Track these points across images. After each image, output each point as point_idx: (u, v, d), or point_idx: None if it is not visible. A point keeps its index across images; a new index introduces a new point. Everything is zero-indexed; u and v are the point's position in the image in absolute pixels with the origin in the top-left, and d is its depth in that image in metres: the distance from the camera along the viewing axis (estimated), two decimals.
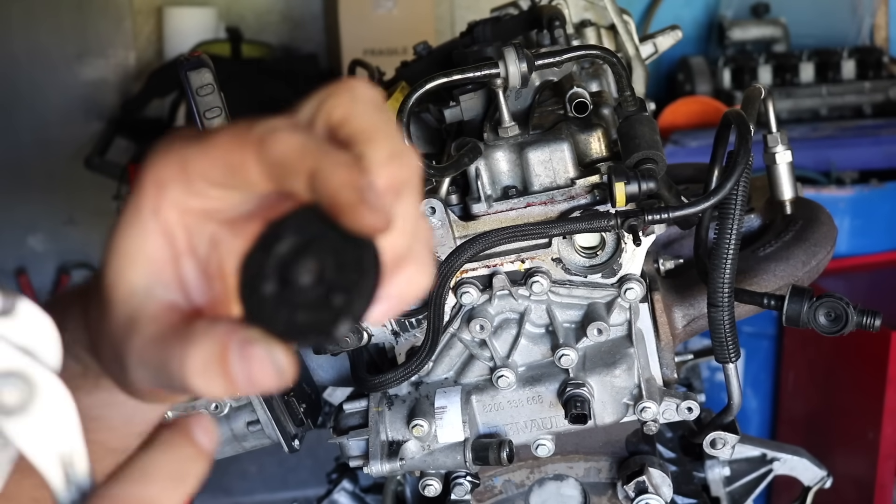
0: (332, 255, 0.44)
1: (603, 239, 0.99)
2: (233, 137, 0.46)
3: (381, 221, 0.43)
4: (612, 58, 0.99)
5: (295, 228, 0.45)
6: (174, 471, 0.41)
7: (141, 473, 0.40)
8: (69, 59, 3.47)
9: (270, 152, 0.44)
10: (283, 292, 0.44)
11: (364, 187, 0.43)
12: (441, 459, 1.01)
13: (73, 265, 3.57)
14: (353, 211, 0.42)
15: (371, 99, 0.47)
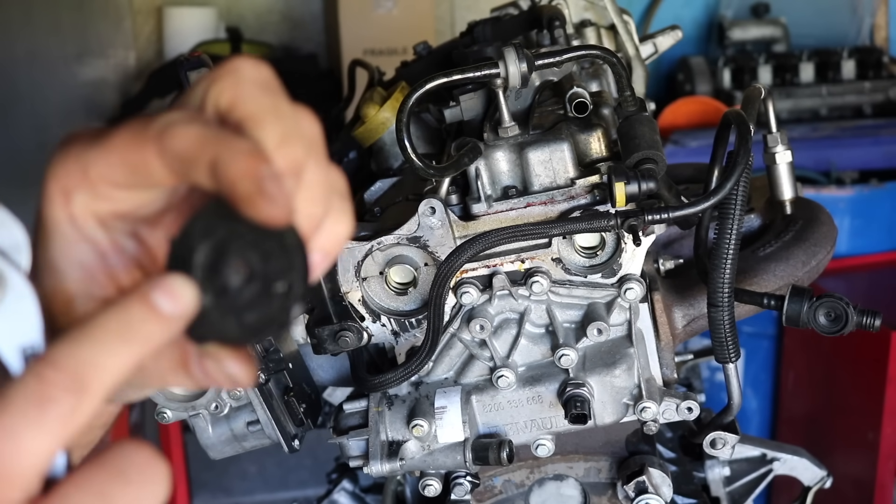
0: (252, 248, 0.43)
1: (603, 239, 0.99)
2: (130, 136, 0.45)
3: (281, 211, 0.42)
4: (612, 58, 0.99)
5: (205, 232, 0.44)
6: (119, 330, 0.40)
7: (81, 333, 0.40)
8: (69, 59, 3.47)
9: (169, 146, 0.43)
10: (221, 301, 0.43)
11: (262, 176, 0.42)
12: (441, 459, 1.01)
13: None
14: (252, 203, 0.42)
15: (256, 79, 0.46)
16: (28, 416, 0.38)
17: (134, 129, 0.45)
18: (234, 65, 0.46)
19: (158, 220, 0.49)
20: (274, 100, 0.46)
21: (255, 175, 0.42)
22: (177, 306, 0.42)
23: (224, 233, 0.43)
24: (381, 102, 1.15)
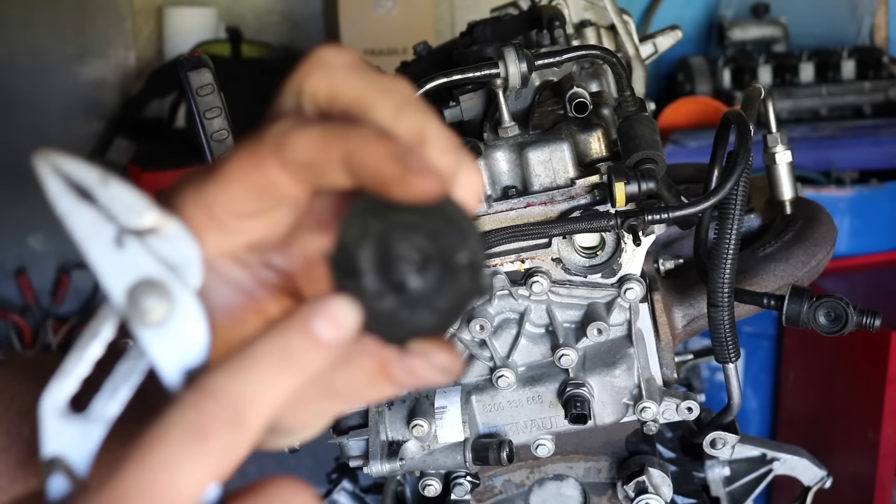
0: (416, 231, 0.41)
1: (603, 239, 0.99)
2: (245, 160, 0.42)
3: (433, 182, 0.40)
4: (612, 58, 0.99)
5: (361, 233, 0.41)
6: (277, 361, 0.38)
7: (238, 363, 0.38)
8: (69, 59, 3.47)
9: (292, 157, 0.41)
10: (406, 297, 0.41)
11: (402, 154, 0.40)
12: (441, 459, 1.01)
13: (73, 265, 3.57)
14: (404, 183, 0.40)
15: (344, 63, 0.44)
16: (187, 449, 0.37)
17: (246, 153, 0.42)
18: (318, 56, 0.44)
19: (286, 245, 0.47)
20: (369, 77, 0.43)
21: (396, 155, 0.40)
22: (339, 332, 0.40)
23: (381, 227, 0.41)
24: None
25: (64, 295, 3.56)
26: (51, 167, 0.42)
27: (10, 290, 3.55)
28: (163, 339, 0.40)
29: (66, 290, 3.56)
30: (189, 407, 0.37)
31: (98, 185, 0.42)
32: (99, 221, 0.42)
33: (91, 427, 0.41)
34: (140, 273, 0.41)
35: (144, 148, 3.20)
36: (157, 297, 0.40)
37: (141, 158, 3.06)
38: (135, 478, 0.36)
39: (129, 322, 0.41)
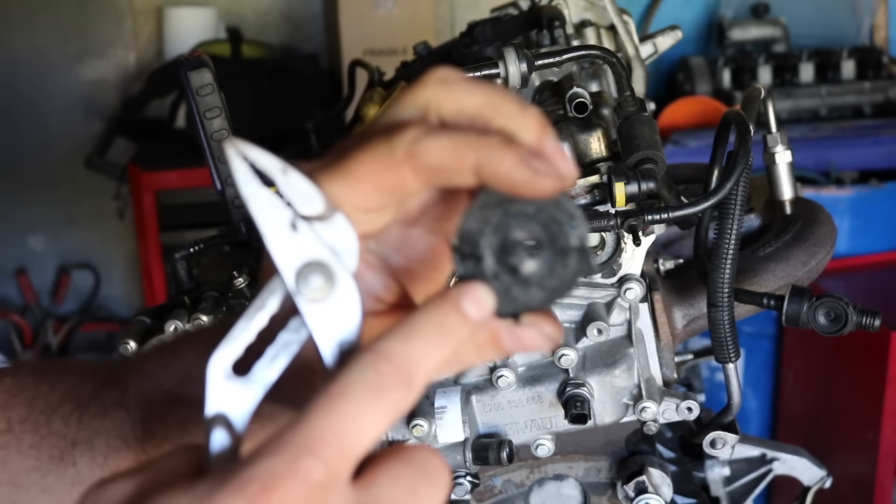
0: (530, 220, 0.47)
1: (603, 239, 0.99)
2: (379, 163, 0.48)
3: (555, 180, 0.46)
4: (612, 58, 0.99)
5: (482, 223, 0.47)
6: (437, 332, 0.45)
7: (406, 332, 0.44)
8: (69, 59, 3.47)
9: (426, 162, 0.47)
10: (520, 279, 0.47)
11: (529, 159, 0.46)
12: None
13: (74, 265, 3.57)
14: (533, 185, 0.46)
15: (463, 79, 0.50)
16: (367, 402, 0.42)
17: (379, 156, 0.48)
18: (438, 74, 0.50)
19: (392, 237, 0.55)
20: (488, 90, 0.50)
21: (524, 160, 0.46)
22: (481, 311, 0.46)
23: (500, 217, 0.47)
24: (382, 102, 1.15)
25: (64, 295, 3.56)
26: (238, 153, 0.46)
27: (11, 290, 3.55)
28: (324, 314, 0.45)
29: (66, 290, 3.57)
30: (369, 366, 0.43)
31: (279, 174, 0.46)
32: (278, 206, 0.46)
33: (251, 389, 0.46)
34: (309, 255, 0.46)
35: (145, 148, 3.20)
36: (322, 277, 0.45)
37: (141, 158, 3.06)
38: (324, 424, 0.42)
39: (295, 297, 0.45)
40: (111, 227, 3.47)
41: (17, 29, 3.42)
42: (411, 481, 0.44)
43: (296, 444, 0.41)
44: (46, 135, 3.48)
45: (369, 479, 0.43)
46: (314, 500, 0.41)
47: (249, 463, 0.41)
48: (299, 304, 0.46)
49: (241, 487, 0.40)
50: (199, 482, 0.42)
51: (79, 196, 3.49)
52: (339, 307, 0.46)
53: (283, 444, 0.42)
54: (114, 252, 3.60)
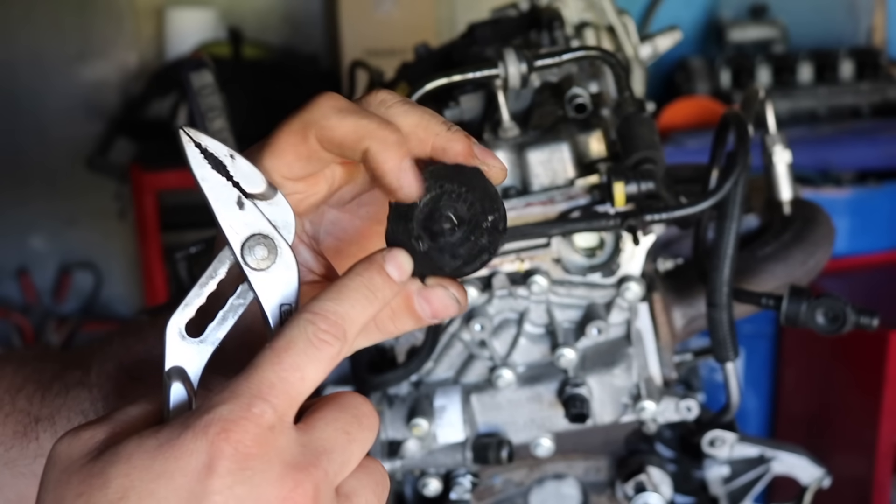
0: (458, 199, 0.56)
1: (602, 239, 0.99)
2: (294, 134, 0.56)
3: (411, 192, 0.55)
4: (612, 58, 0.99)
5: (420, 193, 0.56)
6: (365, 292, 0.52)
7: (338, 293, 0.51)
8: (70, 59, 3.47)
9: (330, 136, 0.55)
10: (438, 245, 0.56)
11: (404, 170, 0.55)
12: (441, 459, 1.02)
13: (75, 265, 3.57)
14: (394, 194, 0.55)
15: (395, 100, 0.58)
16: (309, 355, 0.49)
17: (293, 129, 0.56)
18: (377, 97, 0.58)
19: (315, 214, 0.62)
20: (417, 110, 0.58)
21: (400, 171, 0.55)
22: (402, 273, 0.54)
23: (435, 191, 0.56)
24: None
25: (65, 295, 3.56)
26: (191, 140, 0.52)
27: (12, 289, 3.55)
28: (267, 280, 0.52)
29: (67, 289, 3.57)
30: (308, 324, 0.49)
31: (227, 158, 0.52)
32: (226, 186, 0.52)
33: (204, 347, 0.53)
34: (254, 228, 0.52)
35: (146, 148, 3.20)
36: (265, 248, 0.52)
37: (142, 158, 3.06)
38: (272, 374, 0.48)
39: (243, 266, 0.52)
40: (112, 227, 3.47)
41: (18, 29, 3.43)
42: (346, 424, 0.50)
43: (249, 392, 0.47)
44: (47, 135, 3.49)
45: (309, 423, 0.50)
46: (266, 439, 0.47)
47: (208, 409, 0.47)
48: (246, 272, 0.52)
49: (203, 430, 0.46)
50: (162, 429, 0.47)
51: (80, 196, 3.49)
52: (280, 274, 0.52)
53: (237, 392, 0.47)
54: (115, 252, 3.60)
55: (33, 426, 0.69)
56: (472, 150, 0.57)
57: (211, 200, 0.52)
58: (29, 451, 0.69)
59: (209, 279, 0.53)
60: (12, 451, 0.69)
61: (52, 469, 0.49)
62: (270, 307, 0.52)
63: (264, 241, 0.52)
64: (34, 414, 0.69)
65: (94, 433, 0.49)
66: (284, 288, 0.52)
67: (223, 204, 0.52)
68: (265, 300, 0.52)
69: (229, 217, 0.52)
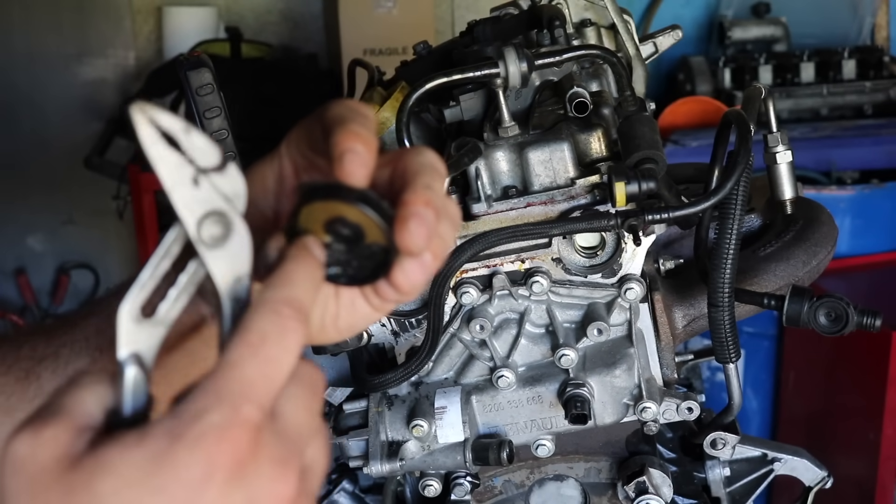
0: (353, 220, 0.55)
1: (603, 239, 0.99)
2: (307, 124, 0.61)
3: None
4: (613, 58, 0.98)
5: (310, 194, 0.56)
6: (307, 275, 0.53)
7: (285, 280, 0.52)
8: (69, 58, 3.47)
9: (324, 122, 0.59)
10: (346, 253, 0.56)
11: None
12: (441, 460, 1.01)
13: (73, 265, 3.57)
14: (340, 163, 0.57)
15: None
16: (281, 343, 0.49)
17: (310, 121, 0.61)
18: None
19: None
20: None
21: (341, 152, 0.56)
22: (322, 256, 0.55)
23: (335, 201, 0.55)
24: (381, 102, 1.14)
25: (63, 295, 3.56)
26: (145, 117, 0.50)
27: (10, 290, 3.55)
28: (220, 256, 0.51)
29: (65, 290, 3.56)
30: (273, 314, 0.50)
31: (182, 133, 0.50)
32: (182, 164, 0.50)
33: (157, 328, 0.51)
34: (209, 206, 0.51)
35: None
36: (220, 225, 0.51)
37: (141, 158, 3.05)
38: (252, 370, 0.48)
39: (196, 244, 0.51)
40: (110, 227, 3.47)
41: (16, 29, 3.42)
42: (307, 401, 0.51)
43: (232, 393, 0.47)
44: (45, 134, 3.48)
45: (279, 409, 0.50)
46: (256, 441, 0.47)
47: (196, 416, 0.46)
48: (200, 251, 0.51)
49: (197, 441, 0.45)
50: (147, 437, 0.46)
51: (78, 196, 3.49)
52: (233, 249, 0.52)
53: (221, 395, 0.47)
54: (113, 252, 3.59)
55: (35, 367, 0.69)
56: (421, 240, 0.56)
57: (166, 181, 0.50)
58: (28, 394, 0.69)
59: (162, 259, 0.52)
60: (13, 398, 0.69)
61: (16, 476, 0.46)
62: (224, 283, 0.52)
63: (219, 217, 0.51)
64: (38, 356, 0.70)
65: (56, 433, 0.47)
66: (237, 263, 0.52)
67: (178, 183, 0.51)
68: (219, 276, 0.52)
69: (184, 196, 0.51)
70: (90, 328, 0.70)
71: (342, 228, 0.55)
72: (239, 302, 0.52)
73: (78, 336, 0.70)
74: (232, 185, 0.52)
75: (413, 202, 0.56)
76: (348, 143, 0.56)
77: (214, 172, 0.51)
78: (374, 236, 0.56)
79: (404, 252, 0.56)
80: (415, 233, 0.55)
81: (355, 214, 0.55)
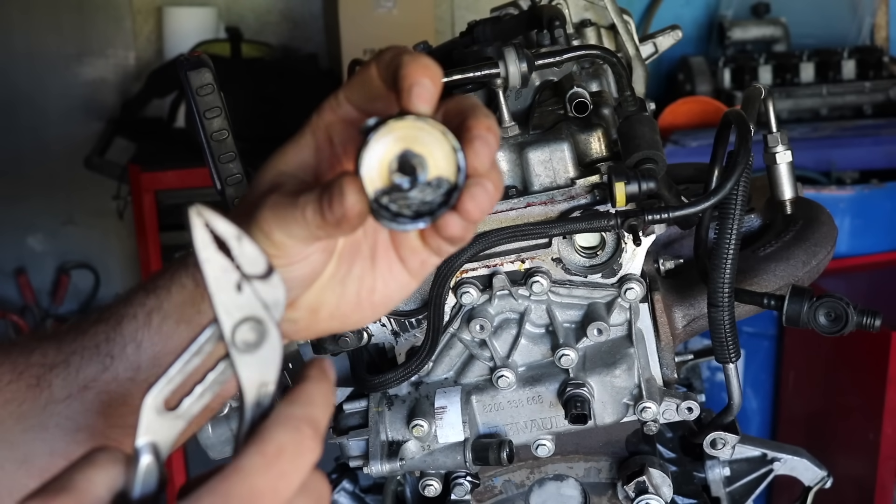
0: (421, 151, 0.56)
1: (603, 239, 0.99)
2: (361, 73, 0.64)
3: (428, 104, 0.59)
4: (613, 58, 0.99)
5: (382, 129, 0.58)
6: (326, 397, 0.53)
7: (307, 398, 0.52)
8: (69, 58, 3.47)
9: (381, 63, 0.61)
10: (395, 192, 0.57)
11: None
12: (441, 459, 1.01)
13: (73, 265, 3.57)
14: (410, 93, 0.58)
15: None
16: (296, 463, 0.50)
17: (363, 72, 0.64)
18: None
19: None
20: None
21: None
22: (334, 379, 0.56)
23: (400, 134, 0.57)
24: None
25: (63, 295, 3.56)
26: (201, 220, 0.52)
27: (10, 290, 3.55)
28: (251, 362, 0.52)
29: (65, 290, 3.56)
30: (296, 431, 0.50)
31: (234, 240, 0.52)
32: (228, 269, 0.52)
33: (178, 422, 0.53)
34: (248, 312, 0.52)
35: (144, 148, 3.19)
36: (256, 332, 0.52)
37: (141, 158, 3.05)
38: (262, 482, 0.49)
39: (230, 347, 0.52)
40: (111, 226, 3.47)
41: (16, 29, 3.42)
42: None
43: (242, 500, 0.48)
44: (46, 134, 3.48)
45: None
46: None
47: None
48: (232, 354, 0.52)
49: None
50: None
51: (78, 196, 3.49)
52: (264, 355, 0.52)
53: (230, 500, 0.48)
54: (113, 252, 3.59)
55: (47, 375, 0.70)
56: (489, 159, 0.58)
57: (211, 284, 0.52)
58: (40, 402, 0.69)
59: (194, 355, 0.53)
60: (24, 406, 0.69)
61: None
62: (250, 388, 0.53)
63: (255, 324, 0.52)
64: (49, 363, 0.70)
65: None
66: (266, 370, 0.53)
67: (222, 288, 0.52)
68: (246, 381, 0.53)
69: (226, 301, 0.52)
70: (100, 335, 0.70)
71: (406, 164, 0.56)
72: (260, 407, 0.53)
73: (88, 343, 0.70)
74: (273, 293, 0.53)
75: (477, 126, 0.57)
76: (417, 77, 0.57)
77: (259, 280, 0.53)
78: (439, 169, 0.56)
79: (472, 175, 0.57)
80: (481, 153, 0.57)
81: (421, 144, 0.56)
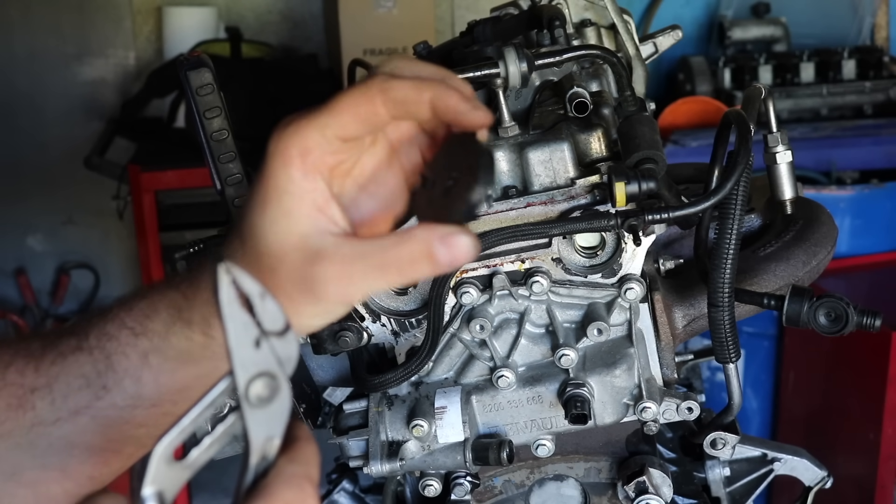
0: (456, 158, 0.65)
1: (603, 239, 0.99)
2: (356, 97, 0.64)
3: (487, 115, 0.65)
4: (613, 58, 0.98)
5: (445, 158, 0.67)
6: (317, 457, 0.56)
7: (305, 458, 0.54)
8: (69, 58, 3.47)
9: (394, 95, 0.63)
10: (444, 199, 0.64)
11: (471, 97, 0.65)
12: (441, 460, 1.01)
13: (73, 265, 3.57)
14: (471, 115, 0.64)
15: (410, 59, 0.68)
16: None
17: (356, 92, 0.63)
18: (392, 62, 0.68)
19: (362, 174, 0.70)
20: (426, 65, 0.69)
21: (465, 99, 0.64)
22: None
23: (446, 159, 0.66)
24: None
25: (63, 295, 3.56)
26: (229, 278, 0.53)
27: (10, 290, 3.55)
28: (261, 417, 0.54)
29: (65, 290, 3.56)
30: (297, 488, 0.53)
31: (258, 297, 0.54)
32: (249, 325, 0.53)
33: (185, 472, 0.54)
34: (263, 367, 0.53)
35: (144, 147, 3.19)
36: (269, 388, 0.53)
37: (141, 158, 3.05)
38: None
39: (242, 401, 0.54)
40: (110, 227, 3.47)
41: (16, 29, 3.42)
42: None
43: None
44: (46, 135, 3.48)
45: None
46: None
47: None
48: (243, 408, 0.54)
49: None
50: None
51: (78, 196, 3.49)
52: (274, 412, 0.54)
53: None
54: (113, 252, 3.59)
55: (28, 396, 0.70)
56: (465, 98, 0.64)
57: (231, 339, 0.53)
58: (25, 422, 0.69)
59: (206, 407, 0.55)
60: (6, 425, 0.69)
61: None
62: (257, 441, 0.54)
63: (269, 379, 0.54)
64: (28, 385, 0.70)
65: None
66: (274, 424, 0.54)
67: (241, 343, 0.53)
68: (254, 434, 0.54)
69: (243, 356, 0.53)
70: (86, 366, 0.71)
71: None
72: (265, 460, 0.54)
73: (72, 371, 0.70)
74: (288, 350, 0.54)
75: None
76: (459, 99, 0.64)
77: (276, 336, 0.54)
78: None
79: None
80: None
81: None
